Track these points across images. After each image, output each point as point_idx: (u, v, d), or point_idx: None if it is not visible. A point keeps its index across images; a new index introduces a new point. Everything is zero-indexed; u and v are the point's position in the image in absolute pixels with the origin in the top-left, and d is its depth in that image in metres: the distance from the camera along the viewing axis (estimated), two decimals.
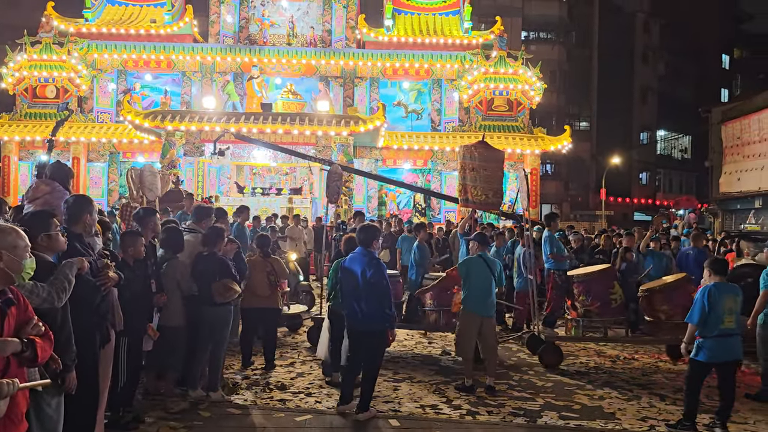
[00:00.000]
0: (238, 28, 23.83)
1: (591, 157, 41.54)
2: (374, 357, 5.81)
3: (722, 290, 5.71)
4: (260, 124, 19.39)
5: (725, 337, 5.68)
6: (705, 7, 49.57)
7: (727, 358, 5.75)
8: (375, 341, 5.71)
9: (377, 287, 5.60)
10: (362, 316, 5.67)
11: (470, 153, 10.12)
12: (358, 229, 6.17)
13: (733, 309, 5.70)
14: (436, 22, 24.84)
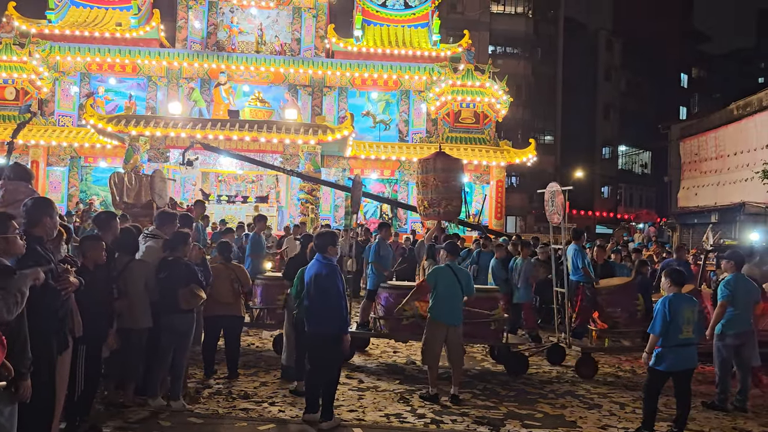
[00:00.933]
0: (206, 34, 23.63)
1: (555, 170, 42.25)
2: (332, 362, 5.77)
3: (681, 301, 5.87)
4: (227, 131, 19.21)
5: (683, 347, 5.83)
6: (665, 27, 51.14)
7: (685, 366, 5.90)
8: (331, 346, 5.69)
9: (331, 291, 5.63)
10: (317, 320, 5.70)
11: (428, 165, 10.24)
12: (315, 236, 6.21)
13: (691, 319, 5.86)
14: (405, 34, 25.05)
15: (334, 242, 5.93)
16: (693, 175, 28.14)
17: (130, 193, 11.28)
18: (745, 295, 7.07)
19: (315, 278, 5.68)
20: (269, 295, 8.45)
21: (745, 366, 7.08)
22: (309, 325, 5.82)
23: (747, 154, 23.22)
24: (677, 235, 27.21)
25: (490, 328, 8.03)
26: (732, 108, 25.12)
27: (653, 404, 5.91)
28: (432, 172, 10.12)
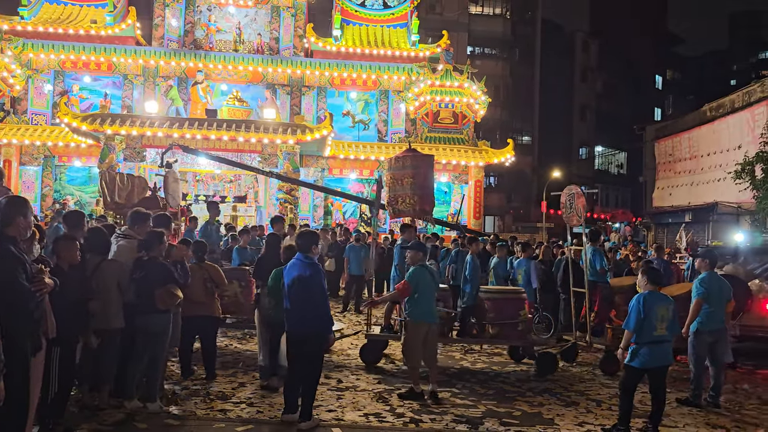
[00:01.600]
0: (183, 32, 23.39)
1: (533, 170, 42.66)
2: (314, 362, 5.77)
3: (655, 299, 5.95)
4: (205, 130, 19.04)
5: (658, 344, 5.91)
6: (640, 29, 51.92)
7: (659, 363, 5.99)
8: (313, 346, 5.69)
9: (314, 291, 5.62)
10: (300, 320, 5.67)
11: (397, 163, 10.11)
12: (297, 236, 6.20)
13: (666, 317, 5.94)
14: (384, 34, 25.07)
15: (317, 242, 5.94)
16: (667, 175, 28.61)
17: (121, 192, 11.16)
18: (718, 292, 7.21)
19: (299, 278, 5.62)
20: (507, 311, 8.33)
21: (718, 363, 7.20)
22: (291, 325, 5.77)
23: (720, 155, 23.69)
24: (652, 234, 27.62)
25: (518, 329, 8.27)
26: (705, 109, 25.61)
27: (629, 401, 5.99)
28: (401, 170, 9.93)
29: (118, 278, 5.68)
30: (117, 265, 5.77)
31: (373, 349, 8.43)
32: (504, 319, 8.26)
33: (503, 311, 8.34)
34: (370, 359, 8.35)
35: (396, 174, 9.95)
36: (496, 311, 8.36)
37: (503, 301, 8.50)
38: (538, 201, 37.23)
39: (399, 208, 9.84)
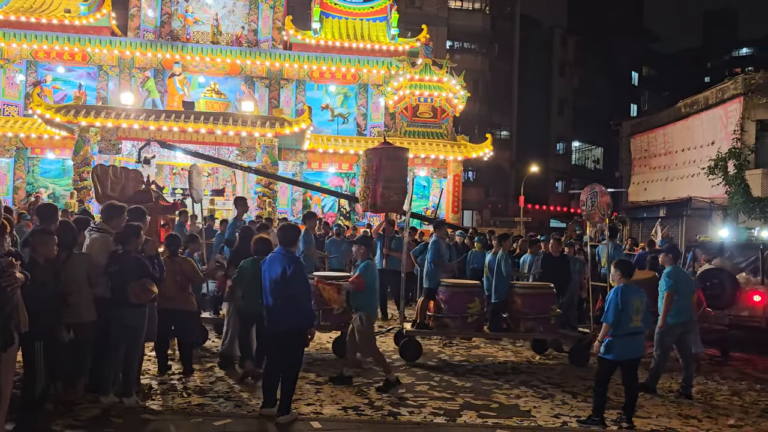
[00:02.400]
0: (159, 23, 23.06)
1: (511, 165, 42.94)
2: (294, 357, 5.77)
3: (630, 292, 6.05)
4: (182, 122, 18.82)
5: (632, 336, 6.02)
6: (617, 26, 52.47)
7: (633, 356, 6.11)
8: (294, 340, 5.68)
9: (297, 286, 5.59)
10: (282, 315, 5.64)
11: (372, 155, 10.07)
12: (278, 229, 6.14)
13: (640, 309, 6.06)
14: (363, 27, 25.00)
15: (298, 236, 5.94)
16: (643, 170, 28.99)
17: (114, 186, 11.05)
18: (685, 285, 7.45)
19: (282, 274, 5.56)
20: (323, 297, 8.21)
21: (687, 353, 7.38)
22: (272, 321, 5.72)
23: (694, 151, 24.06)
24: (627, 229, 27.97)
25: (550, 323, 8.56)
26: (680, 106, 25.96)
27: (604, 393, 6.09)
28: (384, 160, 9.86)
29: (88, 271, 5.60)
30: (86, 257, 5.68)
31: (414, 346, 8.49)
32: (536, 314, 8.55)
33: (535, 306, 8.62)
34: (411, 356, 8.41)
35: (368, 167, 9.91)
36: (528, 306, 8.63)
37: (535, 296, 8.73)
38: (516, 195, 37.51)
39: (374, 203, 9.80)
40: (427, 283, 8.85)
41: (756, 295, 10.20)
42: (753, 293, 10.23)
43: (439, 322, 8.58)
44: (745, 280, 10.52)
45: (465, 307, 8.48)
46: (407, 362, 8.35)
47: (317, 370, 7.66)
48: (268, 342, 5.91)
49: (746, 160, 20.51)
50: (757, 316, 10.06)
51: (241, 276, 7.04)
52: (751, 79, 20.99)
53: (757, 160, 20.59)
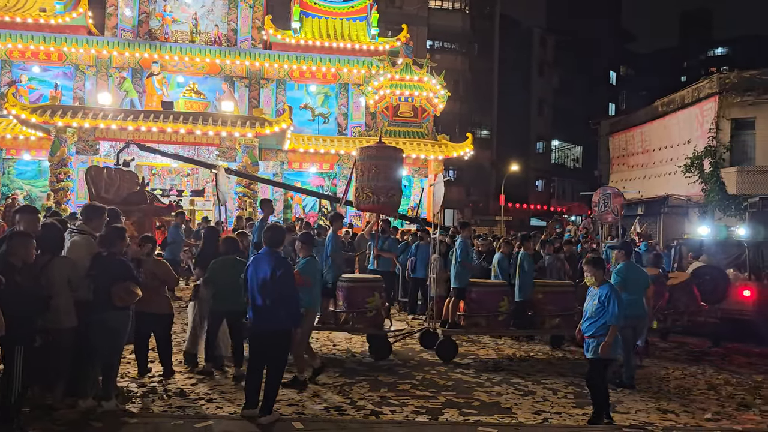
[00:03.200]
0: (137, 22, 22.83)
1: (491, 164, 43.16)
2: (279, 358, 5.76)
3: None
4: (161, 123, 18.66)
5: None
6: (595, 26, 52.99)
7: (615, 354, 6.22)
8: (280, 342, 5.68)
9: (285, 287, 5.59)
10: (271, 315, 5.62)
11: (366, 154, 10.10)
12: (265, 230, 6.12)
13: None
14: (343, 26, 24.97)
15: (285, 237, 5.99)
16: (621, 168, 29.33)
17: (109, 188, 11.00)
18: (636, 281, 7.67)
19: (271, 274, 5.55)
20: (356, 299, 8.33)
21: (628, 346, 7.59)
22: (258, 321, 5.70)
23: (670, 149, 24.40)
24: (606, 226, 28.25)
25: (574, 319, 8.69)
26: (657, 105, 26.32)
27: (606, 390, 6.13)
28: (373, 160, 9.92)
29: (69, 275, 5.51)
30: (67, 261, 5.58)
31: (450, 346, 8.64)
32: (562, 311, 8.90)
33: (559, 303, 8.95)
34: (447, 356, 8.55)
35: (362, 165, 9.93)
36: (553, 303, 8.95)
37: (559, 294, 9.13)
38: (496, 194, 37.69)
39: (362, 199, 9.83)
40: (457, 284, 8.96)
41: (746, 290, 10.94)
42: (743, 288, 11.00)
43: (471, 321, 8.79)
44: (733, 276, 11.21)
45: (496, 305, 8.73)
46: (397, 360, 8.36)
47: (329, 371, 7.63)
48: (251, 342, 5.88)
49: (722, 158, 20.87)
50: (747, 310, 10.76)
51: (211, 276, 7.19)
52: (725, 78, 21.36)
53: (732, 158, 20.95)
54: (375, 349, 8.53)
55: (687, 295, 10.04)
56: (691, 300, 10.03)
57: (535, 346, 9.80)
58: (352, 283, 8.53)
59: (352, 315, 8.29)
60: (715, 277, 10.79)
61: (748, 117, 20.74)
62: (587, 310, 6.15)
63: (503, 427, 5.92)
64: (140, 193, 11.60)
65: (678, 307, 9.97)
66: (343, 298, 8.38)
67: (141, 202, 11.49)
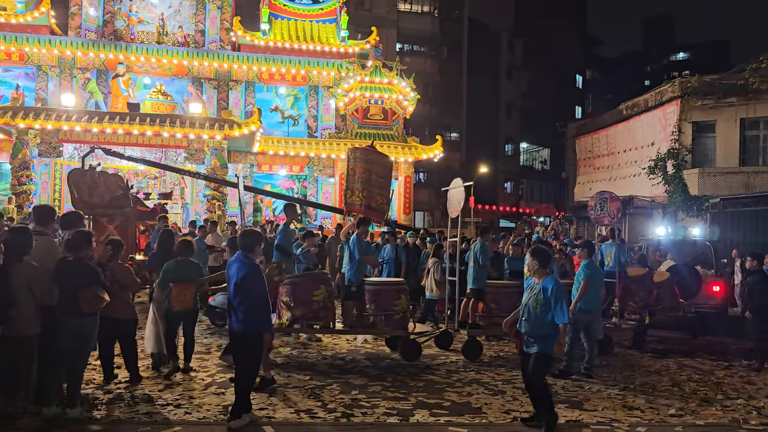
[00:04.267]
0: (102, 22, 22.43)
1: (461, 166, 43.42)
2: (248, 360, 5.73)
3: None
4: (127, 124, 18.36)
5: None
6: (561, 30, 53.81)
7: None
8: (249, 343, 5.67)
9: (253, 290, 5.62)
10: (238, 318, 5.68)
11: (361, 156, 10.08)
12: (240, 234, 6.19)
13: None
14: (313, 29, 24.91)
15: (260, 242, 5.96)
16: (587, 170, 29.82)
17: (92, 191, 10.80)
18: (597, 277, 8.27)
19: (242, 278, 5.62)
20: (384, 301, 8.45)
21: (592, 338, 8.11)
22: (233, 324, 5.80)
23: (635, 151, 24.90)
24: (574, 227, 28.70)
25: None
26: (622, 108, 26.84)
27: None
28: (369, 164, 9.90)
29: (29, 282, 5.36)
30: (29, 267, 5.43)
31: (476, 346, 8.89)
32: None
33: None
34: (474, 355, 8.81)
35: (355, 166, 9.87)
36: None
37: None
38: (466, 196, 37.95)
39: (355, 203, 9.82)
40: (475, 285, 9.27)
41: (715, 286, 11.99)
42: (713, 284, 12.02)
43: (490, 321, 9.11)
44: (702, 273, 12.06)
45: (514, 305, 8.72)
46: (367, 362, 8.36)
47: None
48: (233, 346, 5.97)
49: (684, 160, 21.38)
50: (716, 304, 11.86)
51: (165, 278, 7.35)
52: (687, 82, 21.89)
53: (694, 160, 21.48)
54: (404, 351, 8.60)
55: (670, 292, 10.61)
56: (672, 296, 10.65)
57: (505, 346, 9.90)
58: (380, 286, 8.77)
59: (380, 317, 8.43)
60: (689, 274, 11.58)
61: (708, 120, 21.28)
62: (527, 305, 5.86)
63: (473, 426, 5.97)
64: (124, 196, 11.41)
65: (662, 303, 10.53)
66: (370, 300, 8.52)
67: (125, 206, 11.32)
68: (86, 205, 11.04)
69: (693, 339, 11.26)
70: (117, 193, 11.75)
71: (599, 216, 10.83)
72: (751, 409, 6.85)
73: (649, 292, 10.32)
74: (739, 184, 19.91)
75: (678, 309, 10.88)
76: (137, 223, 13.61)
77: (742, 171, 20.30)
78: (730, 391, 7.65)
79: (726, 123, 20.92)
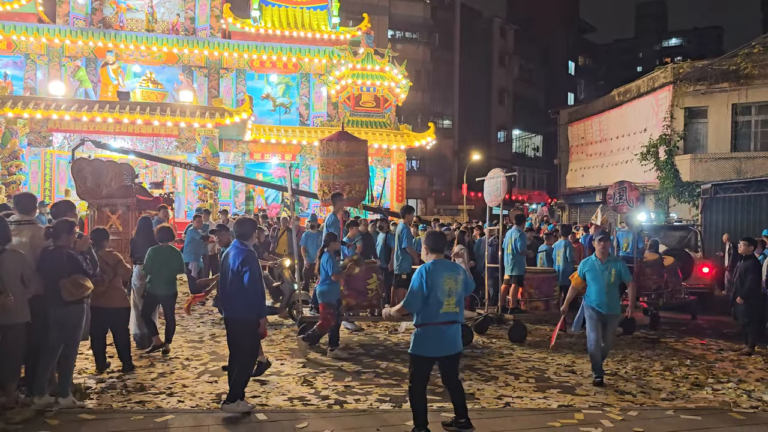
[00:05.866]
0: (90, 9, 22.17)
1: (453, 153, 43.46)
2: (243, 346, 5.77)
3: (441, 270, 4.98)
4: (117, 113, 18.22)
5: (445, 326, 4.98)
6: (554, 16, 53.68)
7: (449, 351, 5.07)
8: (244, 330, 5.71)
9: (250, 277, 5.61)
10: (236, 305, 5.71)
11: (330, 147, 10.02)
12: (236, 223, 6.17)
13: (453, 291, 4.99)
14: (304, 15, 24.72)
15: (255, 229, 6.04)
16: (580, 157, 29.85)
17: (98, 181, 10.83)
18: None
19: (238, 265, 5.64)
20: None
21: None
22: (228, 310, 5.86)
23: (627, 138, 24.92)
24: (566, 214, 28.79)
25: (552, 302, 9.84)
26: (614, 94, 26.82)
27: (419, 397, 5.05)
28: (335, 155, 9.90)
29: (21, 270, 5.33)
30: (18, 256, 5.38)
31: (522, 329, 9.39)
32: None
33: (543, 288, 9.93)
34: (520, 338, 9.31)
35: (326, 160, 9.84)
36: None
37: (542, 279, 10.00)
38: (459, 184, 38.01)
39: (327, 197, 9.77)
40: (517, 271, 9.68)
41: (705, 267, 12.79)
42: (702, 266, 12.79)
43: (531, 305, 9.74)
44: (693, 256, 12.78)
45: (552, 290, 9.86)
46: (360, 350, 8.37)
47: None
48: (228, 332, 5.96)
49: (675, 146, 21.42)
50: (706, 284, 12.71)
51: (150, 263, 7.81)
52: (679, 68, 21.89)
53: (686, 146, 21.53)
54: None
55: (675, 276, 11.23)
56: (677, 279, 11.26)
57: (496, 332, 9.93)
58: (541, 274, 9.52)
59: None
60: (683, 257, 12.26)
61: (700, 106, 21.30)
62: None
63: None
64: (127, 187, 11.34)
65: (669, 286, 11.06)
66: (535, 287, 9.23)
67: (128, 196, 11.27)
68: (88, 196, 11.07)
69: (692, 319, 11.81)
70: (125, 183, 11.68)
71: (618, 204, 11.30)
72: (742, 393, 6.91)
73: (661, 276, 10.92)
74: (730, 170, 19.99)
75: (681, 291, 11.46)
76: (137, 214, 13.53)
77: (733, 156, 20.37)
78: (720, 375, 7.72)
79: (718, 109, 20.95)
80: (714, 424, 5.79)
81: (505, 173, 10.05)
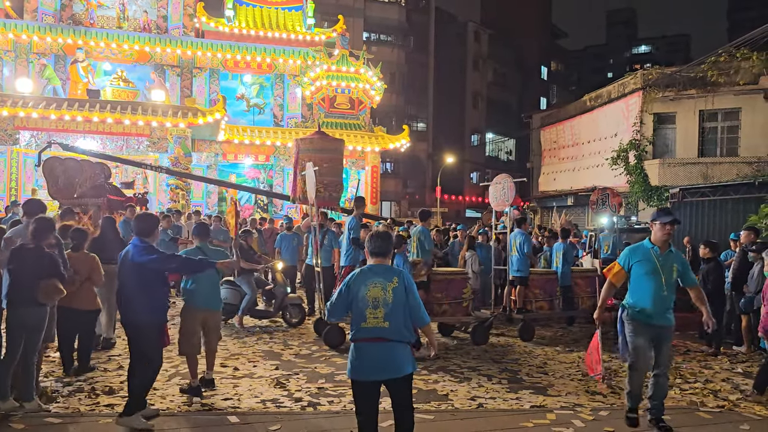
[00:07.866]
0: (59, 5, 21.74)
1: (427, 156, 43.64)
2: (141, 350, 5.34)
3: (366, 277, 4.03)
4: (86, 111, 17.89)
5: (368, 343, 3.95)
6: (527, 21, 54.31)
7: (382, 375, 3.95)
8: (148, 334, 5.32)
9: (148, 278, 5.27)
10: (132, 306, 5.30)
11: (306, 146, 10.00)
12: (135, 218, 5.82)
13: (381, 301, 3.95)
14: (278, 16, 24.60)
15: (157, 226, 5.64)
16: (552, 161, 30.20)
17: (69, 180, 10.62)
18: None
19: (133, 264, 5.23)
20: (454, 290, 9.17)
21: None
22: (124, 312, 5.38)
23: (598, 142, 25.29)
24: (538, 217, 29.09)
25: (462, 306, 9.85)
26: (585, 99, 27.21)
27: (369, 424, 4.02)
28: (311, 153, 9.84)
29: None
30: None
31: (530, 328, 9.81)
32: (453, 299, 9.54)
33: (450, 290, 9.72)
34: (528, 337, 9.71)
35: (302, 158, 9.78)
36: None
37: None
38: (432, 186, 38.17)
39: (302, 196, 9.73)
40: (521, 273, 10.10)
41: None
42: None
43: (536, 305, 10.15)
44: None
45: (554, 291, 10.30)
46: (334, 351, 8.34)
47: (235, 364, 7.50)
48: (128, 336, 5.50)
49: (645, 151, 21.81)
50: None
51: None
52: (648, 74, 22.29)
53: (655, 151, 21.93)
54: (476, 335, 9.32)
55: None
56: None
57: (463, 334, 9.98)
58: (450, 276, 9.43)
59: (449, 305, 9.15)
60: None
61: (669, 112, 21.72)
62: None
63: (440, 413, 6.00)
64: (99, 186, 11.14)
65: None
66: (441, 289, 9.14)
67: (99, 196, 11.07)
68: (58, 195, 10.88)
69: None
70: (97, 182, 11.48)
71: (601, 209, 11.62)
72: (708, 393, 7.06)
73: None
74: (697, 175, 20.41)
75: None
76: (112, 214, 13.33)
77: (700, 162, 20.80)
78: (688, 375, 7.87)
79: (685, 114, 21.39)
80: (682, 423, 5.91)
81: (513, 180, 10.21)
